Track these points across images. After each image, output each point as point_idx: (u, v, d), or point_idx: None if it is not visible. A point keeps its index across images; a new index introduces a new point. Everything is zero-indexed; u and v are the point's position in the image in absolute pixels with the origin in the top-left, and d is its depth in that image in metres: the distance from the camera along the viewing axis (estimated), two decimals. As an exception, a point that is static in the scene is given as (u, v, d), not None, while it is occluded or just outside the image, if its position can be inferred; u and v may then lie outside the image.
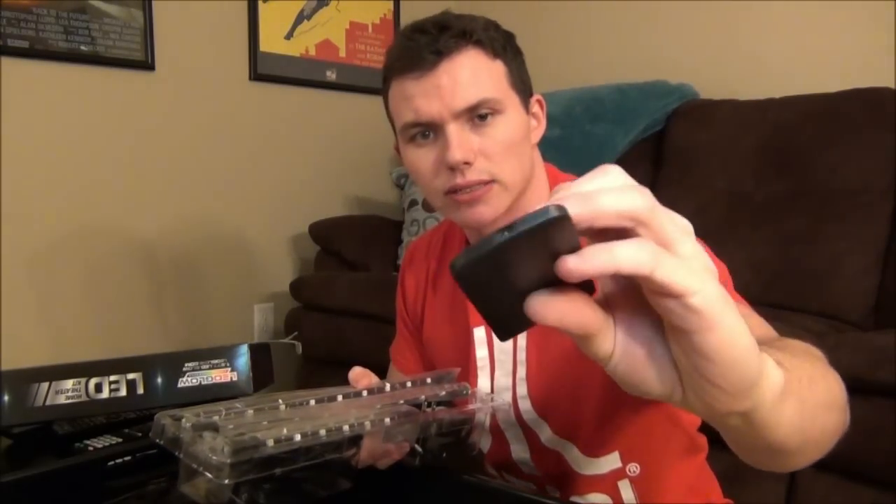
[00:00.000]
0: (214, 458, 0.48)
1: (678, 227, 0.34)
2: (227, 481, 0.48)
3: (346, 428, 0.53)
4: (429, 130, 0.79)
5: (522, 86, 0.83)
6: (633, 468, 0.84)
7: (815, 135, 1.85)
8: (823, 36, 2.07)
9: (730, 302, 0.34)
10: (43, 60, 1.98)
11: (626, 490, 0.85)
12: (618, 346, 0.36)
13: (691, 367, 0.35)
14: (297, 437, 0.50)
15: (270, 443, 0.49)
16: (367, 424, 0.54)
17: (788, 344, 0.53)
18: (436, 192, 0.81)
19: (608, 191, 0.33)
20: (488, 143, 0.78)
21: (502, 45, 0.81)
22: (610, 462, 0.84)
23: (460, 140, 0.77)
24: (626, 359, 0.36)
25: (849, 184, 1.77)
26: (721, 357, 0.33)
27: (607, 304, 0.36)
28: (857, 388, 1.28)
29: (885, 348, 1.29)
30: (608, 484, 0.85)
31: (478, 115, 0.78)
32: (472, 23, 0.79)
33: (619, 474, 0.85)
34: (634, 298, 0.35)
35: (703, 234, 0.84)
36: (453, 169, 0.78)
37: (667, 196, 2.30)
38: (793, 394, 0.40)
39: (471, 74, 0.77)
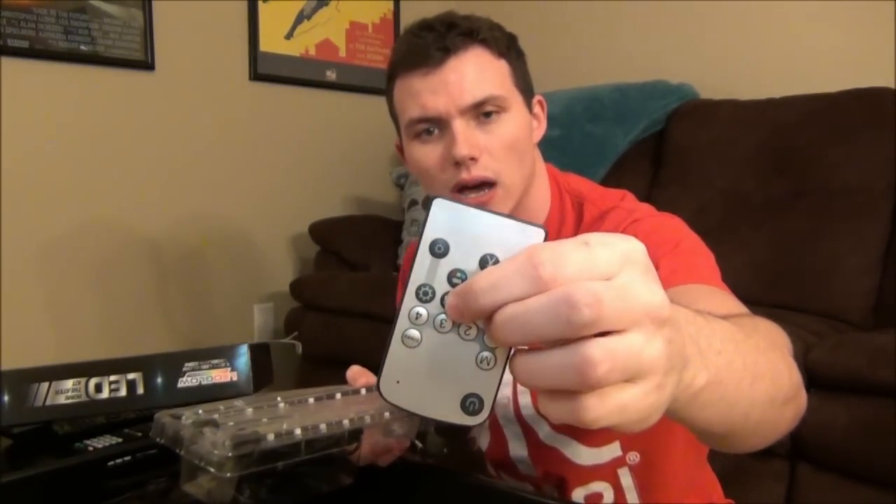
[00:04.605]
0: (216, 452, 0.48)
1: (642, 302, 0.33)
2: (228, 475, 0.48)
3: (346, 422, 0.53)
4: (434, 126, 0.81)
5: (525, 86, 0.85)
6: (633, 457, 0.85)
7: (816, 135, 1.85)
8: (823, 36, 2.07)
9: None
10: (43, 60, 1.98)
11: (625, 477, 0.85)
12: None
13: None
14: (298, 432, 0.50)
15: (271, 437, 0.49)
16: (367, 419, 0.54)
17: (754, 331, 0.52)
18: (442, 187, 0.82)
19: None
20: (493, 140, 0.80)
21: (506, 45, 0.83)
22: (611, 451, 0.84)
23: (466, 136, 0.78)
24: None
25: (849, 184, 1.77)
26: None
27: None
28: (857, 388, 1.29)
29: (885, 348, 1.29)
30: (608, 472, 0.85)
31: (483, 112, 0.80)
32: (478, 22, 0.82)
33: (619, 462, 0.85)
34: None
35: (702, 234, 0.84)
36: (458, 164, 0.79)
37: (667, 196, 2.31)
38: (720, 383, 0.40)
39: (477, 72, 0.79)
